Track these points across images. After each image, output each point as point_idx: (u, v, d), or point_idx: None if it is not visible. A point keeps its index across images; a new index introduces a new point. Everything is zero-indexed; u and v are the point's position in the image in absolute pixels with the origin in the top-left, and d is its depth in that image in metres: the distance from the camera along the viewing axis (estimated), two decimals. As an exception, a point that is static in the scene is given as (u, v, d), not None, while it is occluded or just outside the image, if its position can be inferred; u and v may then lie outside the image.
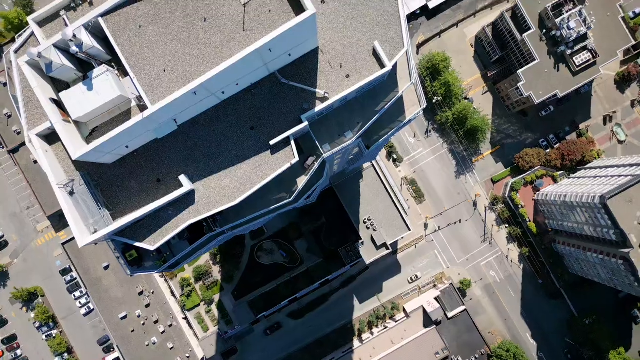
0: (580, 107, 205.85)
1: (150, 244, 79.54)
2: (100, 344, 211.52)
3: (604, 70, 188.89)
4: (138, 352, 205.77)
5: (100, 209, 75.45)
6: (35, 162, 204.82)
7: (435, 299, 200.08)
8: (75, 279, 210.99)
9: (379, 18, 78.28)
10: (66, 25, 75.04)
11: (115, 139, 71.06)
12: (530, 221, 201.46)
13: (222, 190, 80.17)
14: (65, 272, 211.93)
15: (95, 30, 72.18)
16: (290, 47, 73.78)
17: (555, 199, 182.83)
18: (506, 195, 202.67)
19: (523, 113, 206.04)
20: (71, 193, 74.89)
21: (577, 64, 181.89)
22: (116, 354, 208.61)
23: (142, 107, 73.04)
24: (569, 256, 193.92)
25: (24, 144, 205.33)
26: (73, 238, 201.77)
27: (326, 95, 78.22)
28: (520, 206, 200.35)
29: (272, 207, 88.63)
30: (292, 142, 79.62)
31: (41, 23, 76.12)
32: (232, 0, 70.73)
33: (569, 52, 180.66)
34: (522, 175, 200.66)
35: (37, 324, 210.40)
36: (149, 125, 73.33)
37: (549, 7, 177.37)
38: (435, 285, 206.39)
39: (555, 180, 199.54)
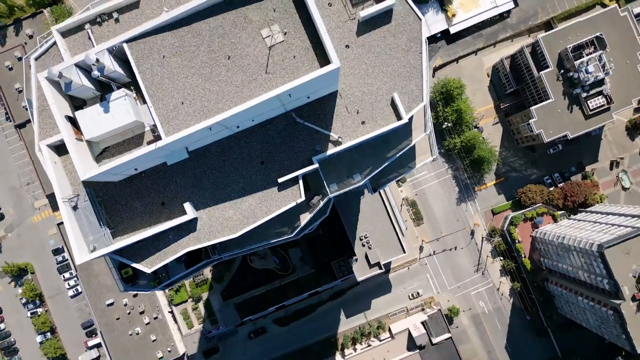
0: (588, 149, 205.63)
1: (147, 266, 79.45)
2: (84, 327, 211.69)
3: (616, 116, 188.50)
4: (120, 340, 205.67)
5: (101, 226, 75.27)
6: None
7: (422, 323, 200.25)
8: (67, 260, 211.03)
9: (401, 69, 78.00)
10: (90, 38, 74.92)
11: (125, 164, 71.03)
12: (525, 257, 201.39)
13: (225, 221, 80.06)
14: (57, 252, 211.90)
15: (117, 53, 71.93)
16: (310, 92, 73.87)
17: (553, 239, 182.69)
18: (504, 229, 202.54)
19: (531, 148, 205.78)
20: (75, 208, 74.76)
21: (591, 108, 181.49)
22: (98, 340, 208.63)
23: (156, 137, 72.92)
24: (559, 297, 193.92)
25: (30, 119, 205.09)
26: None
27: (340, 139, 78.06)
28: (517, 241, 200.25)
29: (272, 240, 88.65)
30: (300, 182, 79.56)
31: (65, 34, 75.88)
32: (257, 42, 70.61)
33: (584, 95, 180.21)
34: (522, 211, 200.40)
35: (24, 300, 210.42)
36: (160, 153, 73.23)
37: (569, 48, 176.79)
38: (423, 309, 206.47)
39: (555, 220, 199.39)
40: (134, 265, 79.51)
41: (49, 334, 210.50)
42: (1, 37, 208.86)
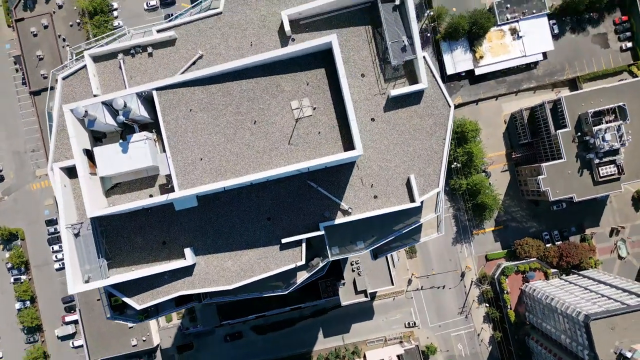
0: (592, 212, 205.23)
1: (138, 303, 79.31)
2: (64, 302, 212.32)
3: (625, 186, 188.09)
4: (97, 321, 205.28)
5: (99, 257, 75.14)
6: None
7: (398, 356, 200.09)
8: (58, 233, 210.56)
9: (422, 151, 77.69)
10: (120, 68, 74.83)
11: (133, 209, 70.99)
12: (511, 309, 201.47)
13: (222, 271, 79.83)
14: (50, 223, 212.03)
15: (144, 94, 71.69)
16: (327, 165, 73.73)
17: (541, 297, 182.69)
18: (495, 277, 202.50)
19: (535, 202, 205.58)
20: (76, 235, 74.67)
21: (601, 175, 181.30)
22: (76, 317, 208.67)
23: (169, 185, 72.83)
24: (538, 355, 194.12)
25: (46, 88, 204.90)
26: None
27: (350, 210, 77.87)
28: (505, 291, 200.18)
29: (265, 293, 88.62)
30: (303, 245, 79.38)
31: (96, 59, 75.84)
32: (285, 112, 70.58)
33: (596, 161, 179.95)
34: (516, 262, 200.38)
35: (9, 265, 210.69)
36: (169, 201, 73.11)
37: (590, 112, 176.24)
38: (401, 342, 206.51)
39: (547, 277, 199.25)
40: (126, 299, 79.49)
41: (28, 302, 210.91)
42: (31, 2, 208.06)
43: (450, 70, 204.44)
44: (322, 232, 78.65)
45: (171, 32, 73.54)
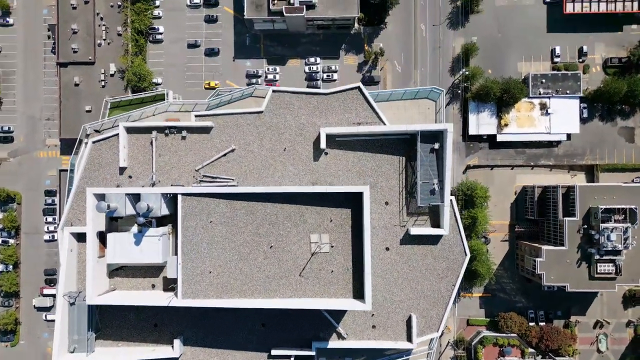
0: (581, 300, 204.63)
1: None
2: (46, 274, 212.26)
3: (618, 286, 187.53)
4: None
5: (89, 330, 75.12)
6: (77, 84, 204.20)
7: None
8: (55, 205, 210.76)
9: (429, 292, 78.71)
10: (152, 144, 74.82)
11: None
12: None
13: (207, 369, 79.66)
14: (49, 193, 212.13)
15: (170, 195, 71.75)
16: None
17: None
18: (472, 344, 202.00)
19: (527, 279, 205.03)
20: (72, 304, 74.89)
21: (598, 271, 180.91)
22: (54, 291, 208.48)
23: (172, 288, 73.02)
24: None
25: (74, 62, 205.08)
26: (72, 170, 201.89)
27: (345, 336, 78.01)
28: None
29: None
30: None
31: (129, 130, 75.76)
32: (303, 243, 71.20)
33: (597, 257, 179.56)
34: (496, 335, 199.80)
35: (0, 227, 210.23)
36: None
37: (601, 208, 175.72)
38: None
39: (523, 356, 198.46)
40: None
41: (11, 267, 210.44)
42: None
43: (472, 131, 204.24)
44: (312, 353, 78.46)
45: (209, 123, 73.48)
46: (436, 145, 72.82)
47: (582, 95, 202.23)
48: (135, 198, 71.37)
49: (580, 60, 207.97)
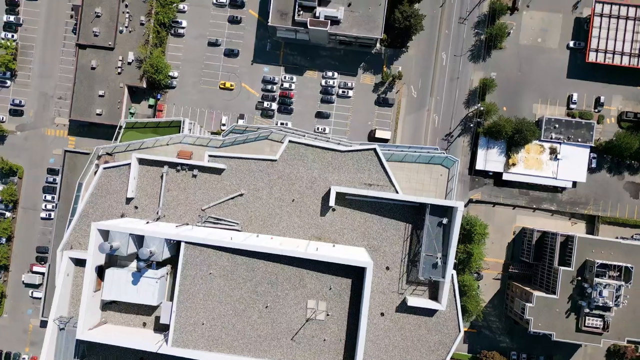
0: (565, 349, 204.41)
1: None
2: (38, 251, 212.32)
3: (604, 341, 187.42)
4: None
5: (75, 357, 75.14)
6: (93, 68, 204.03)
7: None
8: (56, 184, 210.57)
9: None
10: (162, 178, 74.77)
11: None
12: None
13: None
14: (51, 172, 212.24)
15: (174, 241, 71.83)
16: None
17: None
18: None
19: (515, 321, 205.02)
20: (61, 329, 74.91)
21: (586, 325, 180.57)
22: (44, 269, 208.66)
23: (163, 329, 73.03)
24: None
25: (94, 45, 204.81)
26: (78, 152, 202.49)
27: None
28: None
29: None
30: None
31: (141, 161, 75.71)
32: (299, 308, 71.52)
33: (586, 310, 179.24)
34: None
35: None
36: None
37: (597, 263, 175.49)
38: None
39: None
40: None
41: (4, 240, 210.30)
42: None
43: (479, 166, 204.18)
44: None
45: (221, 165, 73.45)
46: (444, 220, 72.67)
47: (593, 145, 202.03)
48: (139, 238, 71.26)
49: (596, 110, 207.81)
